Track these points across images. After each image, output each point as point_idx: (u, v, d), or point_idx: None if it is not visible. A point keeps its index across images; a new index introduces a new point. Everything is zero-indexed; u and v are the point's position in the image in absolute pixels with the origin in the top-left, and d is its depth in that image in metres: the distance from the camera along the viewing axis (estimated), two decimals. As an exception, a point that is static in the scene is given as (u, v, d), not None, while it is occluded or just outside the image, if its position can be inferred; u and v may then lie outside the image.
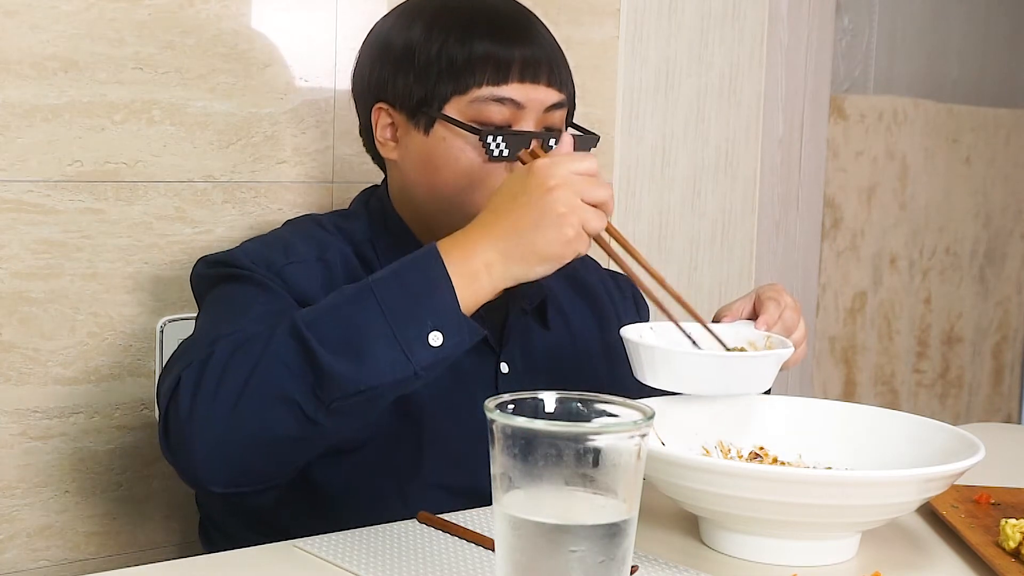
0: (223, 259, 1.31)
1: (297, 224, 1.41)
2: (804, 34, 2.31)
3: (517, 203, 1.15)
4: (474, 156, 1.31)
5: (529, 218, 1.13)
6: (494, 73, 1.30)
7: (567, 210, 1.13)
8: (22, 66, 1.43)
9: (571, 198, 1.13)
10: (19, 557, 1.49)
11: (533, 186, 1.14)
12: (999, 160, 3.01)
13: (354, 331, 1.09)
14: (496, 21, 1.33)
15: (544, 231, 1.13)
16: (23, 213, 1.45)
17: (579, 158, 1.16)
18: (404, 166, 1.36)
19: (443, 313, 1.10)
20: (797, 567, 1.09)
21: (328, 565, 1.06)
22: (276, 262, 1.29)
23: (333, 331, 1.09)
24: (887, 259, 2.75)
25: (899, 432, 1.24)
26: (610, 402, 0.89)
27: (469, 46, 1.30)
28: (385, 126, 1.37)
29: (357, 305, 1.11)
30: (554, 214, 1.13)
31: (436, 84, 1.31)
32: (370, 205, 1.42)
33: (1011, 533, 1.12)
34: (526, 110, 1.32)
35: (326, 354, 1.08)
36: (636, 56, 2.04)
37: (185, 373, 1.12)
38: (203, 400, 1.10)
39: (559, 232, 1.13)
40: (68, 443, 1.51)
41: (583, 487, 0.83)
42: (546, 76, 1.32)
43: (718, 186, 2.19)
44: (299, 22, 1.63)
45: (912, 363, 2.87)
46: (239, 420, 1.10)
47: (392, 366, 1.09)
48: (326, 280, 1.30)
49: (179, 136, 1.54)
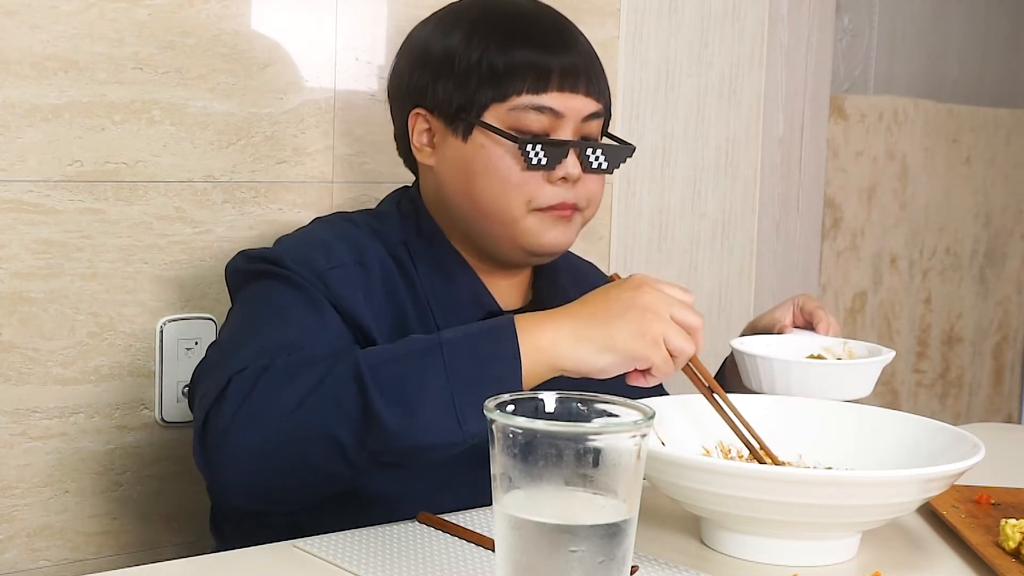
0: (265, 255, 1.31)
1: (331, 223, 1.40)
2: (804, 34, 2.31)
3: (608, 297, 1.17)
4: (512, 164, 1.31)
5: (613, 309, 1.15)
6: (534, 81, 1.31)
7: (653, 314, 1.14)
8: (22, 66, 1.43)
9: (660, 307, 1.15)
10: (19, 557, 1.49)
11: (627, 286, 1.16)
12: (999, 160, 3.01)
13: (414, 387, 1.09)
14: (537, 29, 1.34)
15: (625, 322, 1.14)
16: (23, 213, 1.45)
17: (678, 287, 1.18)
18: (440, 172, 1.37)
19: (504, 387, 1.08)
20: (797, 567, 1.09)
21: (328, 565, 1.06)
22: (318, 265, 1.28)
23: (394, 382, 1.09)
24: (887, 259, 2.75)
25: (899, 432, 1.24)
26: (610, 402, 0.89)
27: (510, 54, 1.31)
28: (422, 131, 1.37)
29: (424, 362, 1.11)
30: (639, 309, 1.14)
31: (476, 91, 1.32)
32: (402, 207, 1.41)
33: (1011, 533, 1.12)
34: (564, 119, 1.32)
35: (382, 404, 1.08)
36: (636, 56, 2.04)
37: (236, 380, 1.12)
38: (248, 415, 1.10)
39: (640, 327, 1.14)
40: (68, 443, 1.51)
41: (583, 487, 0.83)
42: (584, 85, 1.34)
43: (718, 186, 2.19)
44: (299, 22, 1.63)
45: (912, 363, 2.87)
46: (279, 445, 1.10)
47: (442, 429, 1.09)
48: (365, 284, 1.30)
49: (179, 136, 1.54)
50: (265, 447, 1.10)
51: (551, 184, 1.33)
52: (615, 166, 1.37)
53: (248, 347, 1.18)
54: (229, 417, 1.10)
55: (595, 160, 1.34)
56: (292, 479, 1.13)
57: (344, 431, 1.09)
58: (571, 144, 1.32)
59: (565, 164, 1.32)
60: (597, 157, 1.34)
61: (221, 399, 1.11)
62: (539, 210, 1.33)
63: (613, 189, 2.03)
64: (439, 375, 1.09)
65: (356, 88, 1.68)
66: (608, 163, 1.36)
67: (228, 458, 1.11)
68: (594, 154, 1.34)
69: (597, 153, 1.34)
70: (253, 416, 1.10)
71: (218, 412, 1.11)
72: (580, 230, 1.39)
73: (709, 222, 2.19)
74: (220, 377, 1.13)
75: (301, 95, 1.64)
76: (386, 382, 1.09)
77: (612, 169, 1.36)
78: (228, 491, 1.15)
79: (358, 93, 1.68)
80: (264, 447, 1.10)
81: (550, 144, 1.31)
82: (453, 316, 1.34)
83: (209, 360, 1.22)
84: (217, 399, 1.12)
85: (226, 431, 1.10)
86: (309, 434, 1.09)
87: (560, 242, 1.36)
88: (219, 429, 1.11)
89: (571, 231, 1.37)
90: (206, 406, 1.13)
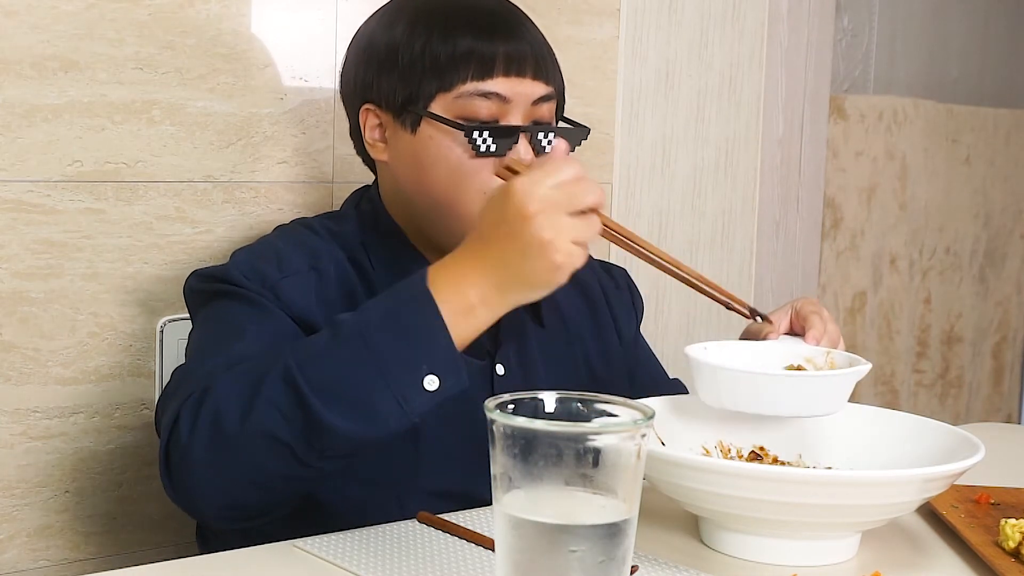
0: (216, 273, 1.30)
1: (287, 231, 1.39)
2: (804, 34, 2.31)
3: (500, 231, 1.08)
4: (461, 153, 1.30)
5: (515, 248, 1.08)
6: (478, 68, 1.29)
7: (552, 234, 1.06)
8: (22, 66, 1.43)
9: (555, 219, 1.06)
10: (19, 557, 1.49)
11: (513, 213, 1.07)
12: (999, 160, 3.01)
13: (347, 382, 1.07)
14: (478, 16, 1.32)
15: (531, 261, 1.08)
16: (23, 213, 1.45)
17: (557, 169, 1.09)
18: (393, 166, 1.36)
19: (438, 356, 1.07)
20: (797, 567, 1.09)
21: (328, 565, 1.06)
22: (270, 276, 1.28)
23: (326, 380, 1.07)
24: (887, 259, 2.75)
25: (899, 432, 1.24)
26: (610, 402, 0.89)
27: (452, 42, 1.30)
28: (373, 127, 1.36)
29: (349, 351, 1.08)
30: (538, 242, 1.07)
31: (421, 82, 1.30)
32: (361, 207, 1.41)
33: (1011, 533, 1.12)
34: (512, 104, 1.30)
35: (320, 406, 1.06)
36: (636, 56, 2.04)
37: (183, 410, 1.12)
38: (199, 439, 1.10)
39: (546, 260, 1.07)
40: (68, 443, 1.51)
41: (583, 487, 0.83)
42: (531, 69, 1.31)
43: (718, 186, 2.19)
44: (299, 22, 1.63)
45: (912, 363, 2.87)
46: (234, 460, 1.10)
47: (388, 418, 1.07)
48: (320, 290, 1.29)
49: (179, 136, 1.54)
50: (222, 463, 1.11)
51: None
52: (569, 149, 1.34)
53: (204, 367, 1.18)
54: (184, 443, 1.11)
55: (547, 144, 1.32)
56: (254, 489, 1.13)
57: (290, 435, 1.08)
58: (520, 129, 1.30)
59: (516, 149, 1.30)
60: (550, 141, 1.32)
61: (175, 429, 1.12)
62: None
63: (613, 189, 2.03)
64: (368, 364, 1.06)
65: (356, 88, 1.68)
66: None
67: (193, 483, 1.13)
68: (545, 138, 1.31)
69: (549, 137, 1.32)
70: (204, 439, 1.10)
71: (176, 442, 1.12)
72: None
73: (709, 222, 2.19)
74: (175, 404, 1.14)
75: (301, 95, 1.64)
76: (319, 381, 1.07)
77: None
78: (201, 513, 1.16)
79: (358, 93, 1.68)
80: (221, 463, 1.11)
81: (498, 130, 1.29)
82: None
83: (170, 386, 1.23)
84: (172, 430, 1.13)
85: (184, 456, 1.11)
86: (258, 445, 1.09)
87: None
88: (178, 456, 1.12)
89: None
90: (165, 438, 1.14)
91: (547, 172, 1.08)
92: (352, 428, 1.07)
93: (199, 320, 1.31)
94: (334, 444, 1.08)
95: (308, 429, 1.07)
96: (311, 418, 1.07)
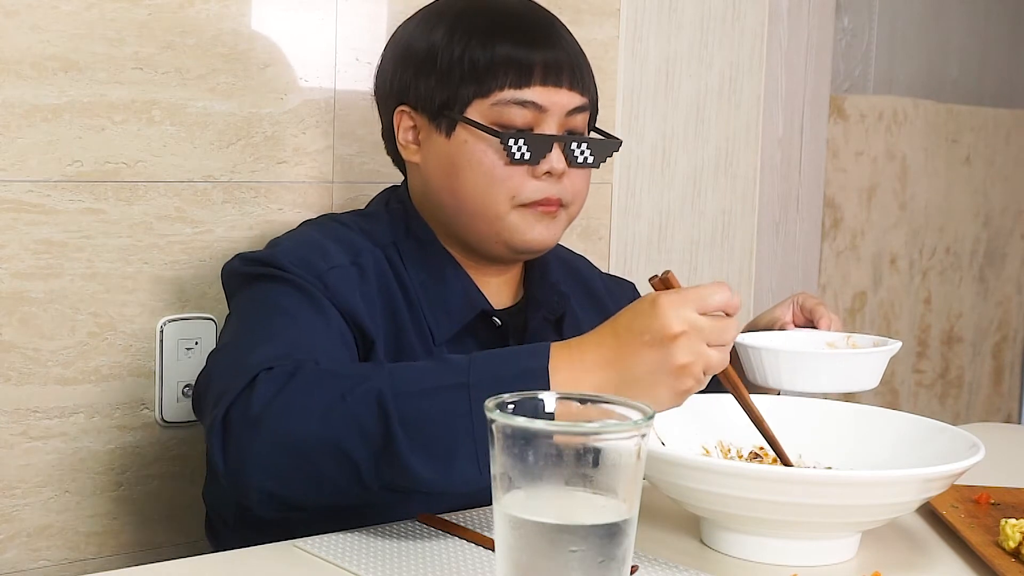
0: (263, 258, 1.30)
1: (320, 225, 1.39)
2: (804, 34, 2.31)
3: (640, 339, 1.07)
4: (495, 159, 1.31)
5: (649, 362, 1.07)
6: (516, 76, 1.31)
7: (690, 360, 1.07)
8: (22, 66, 1.43)
9: (696, 346, 1.07)
10: (19, 557, 1.49)
11: (657, 328, 1.07)
12: (999, 160, 3.01)
13: (439, 428, 1.05)
14: (518, 24, 1.33)
15: (662, 377, 1.07)
16: (23, 213, 1.45)
17: (708, 295, 1.09)
18: (426, 169, 1.37)
19: None
20: (797, 567, 1.09)
21: (328, 565, 1.06)
22: (317, 267, 1.27)
23: (417, 420, 1.06)
24: (887, 259, 2.75)
25: (899, 432, 1.24)
26: (610, 402, 0.89)
27: (491, 49, 1.31)
28: (407, 129, 1.37)
29: (450, 401, 1.06)
30: (675, 363, 1.06)
31: (458, 87, 1.31)
32: (391, 207, 1.41)
33: (1011, 533, 1.12)
34: (548, 113, 1.32)
35: (405, 443, 1.05)
36: (636, 56, 2.04)
37: (265, 375, 1.09)
38: (280, 409, 1.07)
39: (678, 383, 1.08)
40: (68, 443, 1.51)
41: (583, 487, 0.83)
42: (568, 80, 1.33)
43: (718, 186, 2.19)
44: (299, 22, 1.63)
45: (912, 363, 2.87)
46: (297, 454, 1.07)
47: (464, 478, 1.06)
48: (361, 285, 1.29)
49: (179, 136, 1.54)
50: (291, 443, 1.07)
51: (535, 179, 1.32)
52: (601, 160, 1.36)
53: (265, 346, 1.16)
54: (259, 409, 1.07)
55: (580, 155, 1.33)
56: (306, 488, 1.11)
57: (362, 456, 1.06)
58: (555, 138, 1.32)
59: (549, 158, 1.31)
60: (583, 151, 1.34)
61: (249, 392, 1.09)
62: (523, 206, 1.33)
63: (613, 189, 2.03)
64: (465, 421, 1.05)
65: (356, 88, 1.68)
66: (594, 157, 1.35)
67: (256, 450, 1.08)
68: (579, 148, 1.33)
69: (582, 147, 1.33)
70: (284, 411, 1.07)
71: (246, 404, 1.08)
72: (566, 227, 1.38)
73: (709, 222, 2.19)
74: (242, 373, 1.11)
75: (301, 95, 1.64)
76: (410, 418, 1.05)
77: (598, 163, 1.36)
78: (246, 491, 1.11)
79: (358, 93, 1.68)
80: (290, 443, 1.07)
81: (533, 138, 1.31)
82: (444, 316, 1.33)
83: (220, 361, 1.20)
84: (242, 392, 1.09)
85: (256, 423, 1.07)
86: (328, 448, 1.07)
87: (545, 238, 1.35)
88: (247, 420, 1.08)
89: (556, 227, 1.36)
90: (228, 401, 1.10)
91: (699, 296, 1.08)
92: (425, 473, 1.05)
93: (242, 301, 1.29)
94: (403, 481, 1.07)
95: (383, 458, 1.06)
96: (390, 449, 1.05)
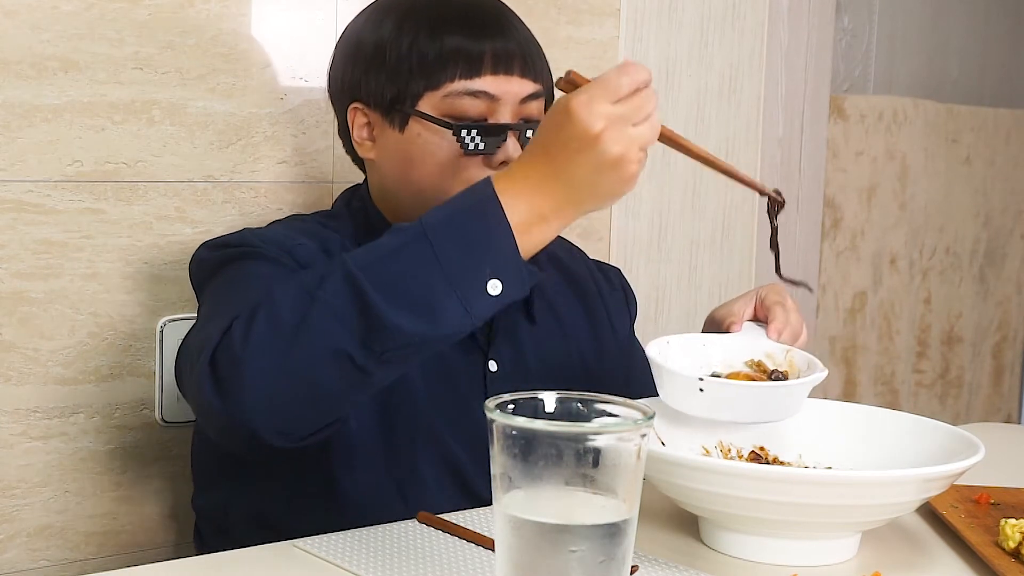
0: (230, 241, 1.30)
1: (285, 222, 1.40)
2: (804, 34, 2.31)
3: (568, 148, 1.07)
4: (450, 151, 1.30)
5: (587, 164, 1.07)
6: (466, 67, 1.29)
7: (622, 148, 1.06)
8: (22, 66, 1.43)
9: (622, 133, 1.07)
10: (19, 557, 1.49)
11: (579, 133, 1.06)
12: (999, 160, 3.01)
13: (411, 281, 1.05)
14: (466, 15, 1.32)
15: (605, 175, 1.07)
16: (23, 213, 1.45)
17: (615, 84, 1.07)
18: (382, 165, 1.36)
19: (502, 260, 1.06)
20: (797, 567, 1.09)
21: (328, 565, 1.06)
22: (285, 243, 1.28)
23: (389, 279, 1.05)
24: (887, 259, 2.75)
25: (899, 432, 1.24)
26: (610, 402, 0.89)
27: (439, 41, 1.30)
28: (361, 126, 1.36)
29: (412, 253, 1.06)
30: (611, 158, 1.06)
31: (408, 81, 1.30)
32: (352, 205, 1.41)
33: (1011, 533, 1.12)
34: (501, 102, 1.31)
35: (383, 304, 1.04)
36: (636, 56, 2.04)
37: (235, 324, 1.09)
38: (257, 342, 1.07)
39: (620, 173, 1.08)
40: (68, 443, 1.51)
41: (583, 487, 0.83)
42: (519, 67, 1.31)
43: (718, 186, 2.19)
44: (299, 22, 1.63)
45: (912, 363, 2.87)
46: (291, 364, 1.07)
47: (451, 319, 1.05)
48: None
49: (179, 136, 1.54)
50: (279, 367, 1.07)
51: (492, 169, 1.30)
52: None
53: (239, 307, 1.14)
54: (239, 349, 1.07)
55: None
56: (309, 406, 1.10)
57: (349, 342, 1.05)
58: (509, 127, 1.30)
59: (505, 148, 1.30)
60: None
61: (227, 337, 1.09)
62: None
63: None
64: (433, 264, 1.05)
65: (356, 88, 1.68)
66: None
67: (247, 385, 1.08)
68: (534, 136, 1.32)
69: None
70: (261, 342, 1.07)
71: (227, 347, 1.08)
72: None
73: (709, 222, 2.19)
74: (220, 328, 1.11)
75: (301, 95, 1.64)
76: (382, 280, 1.05)
77: None
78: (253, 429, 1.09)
79: (358, 93, 1.68)
80: (278, 368, 1.07)
81: (486, 128, 1.29)
82: None
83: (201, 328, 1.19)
84: (222, 338, 1.09)
85: (239, 362, 1.07)
86: (315, 357, 1.06)
87: None
88: (231, 361, 1.08)
89: None
90: (211, 348, 1.10)
91: (606, 88, 1.07)
92: (415, 327, 1.05)
93: (216, 283, 1.28)
94: (395, 345, 1.06)
95: (368, 330, 1.05)
96: (372, 316, 1.04)
